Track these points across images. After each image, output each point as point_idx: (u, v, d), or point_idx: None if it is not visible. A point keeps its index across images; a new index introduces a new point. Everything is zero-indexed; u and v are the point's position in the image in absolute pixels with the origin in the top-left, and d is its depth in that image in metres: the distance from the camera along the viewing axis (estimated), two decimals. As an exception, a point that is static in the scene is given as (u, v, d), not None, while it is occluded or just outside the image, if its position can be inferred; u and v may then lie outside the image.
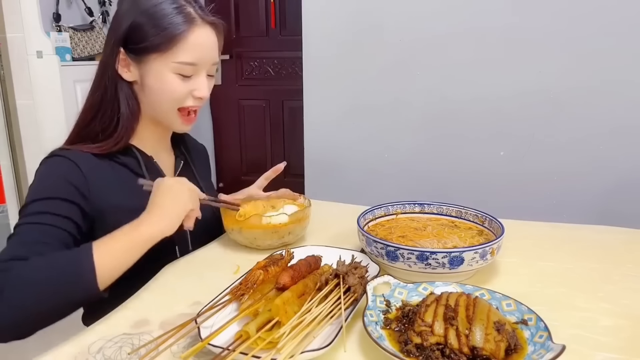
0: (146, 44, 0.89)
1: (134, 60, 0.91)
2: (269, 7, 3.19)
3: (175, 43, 0.88)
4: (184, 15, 0.89)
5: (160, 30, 0.88)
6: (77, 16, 2.73)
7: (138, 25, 0.89)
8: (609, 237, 1.02)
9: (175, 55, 0.89)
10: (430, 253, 0.76)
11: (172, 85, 0.91)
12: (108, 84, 0.93)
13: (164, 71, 0.90)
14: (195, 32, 0.90)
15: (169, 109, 0.94)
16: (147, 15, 0.89)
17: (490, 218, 0.91)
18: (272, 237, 0.96)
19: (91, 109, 0.94)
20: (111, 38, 0.93)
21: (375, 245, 0.81)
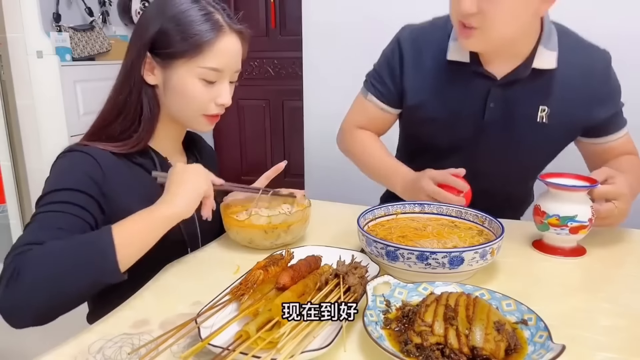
0: (173, 50, 0.90)
1: (159, 65, 0.92)
2: (269, 7, 3.19)
3: (202, 50, 0.90)
4: (212, 23, 0.90)
5: (188, 37, 0.89)
6: (77, 16, 2.73)
7: (165, 31, 0.90)
8: (609, 237, 1.02)
9: (202, 61, 0.90)
10: (430, 253, 0.76)
11: (195, 90, 0.92)
12: (132, 87, 0.94)
13: (188, 76, 0.91)
14: (222, 40, 0.91)
15: (193, 114, 0.96)
16: (175, 21, 0.90)
17: (490, 218, 0.91)
18: (267, 238, 0.96)
19: (113, 110, 0.95)
20: (137, 42, 0.93)
21: (375, 245, 0.81)
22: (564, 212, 0.91)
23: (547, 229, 0.93)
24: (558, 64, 1.04)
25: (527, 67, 1.05)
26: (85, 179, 0.86)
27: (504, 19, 0.94)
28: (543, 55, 1.04)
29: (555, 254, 0.94)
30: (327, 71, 2.13)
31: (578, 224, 0.91)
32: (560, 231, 0.92)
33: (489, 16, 0.93)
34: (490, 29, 0.95)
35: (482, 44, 1.00)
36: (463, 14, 0.94)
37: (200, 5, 0.92)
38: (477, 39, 0.97)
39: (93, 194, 0.86)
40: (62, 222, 0.79)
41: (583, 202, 0.92)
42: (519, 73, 1.06)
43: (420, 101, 1.15)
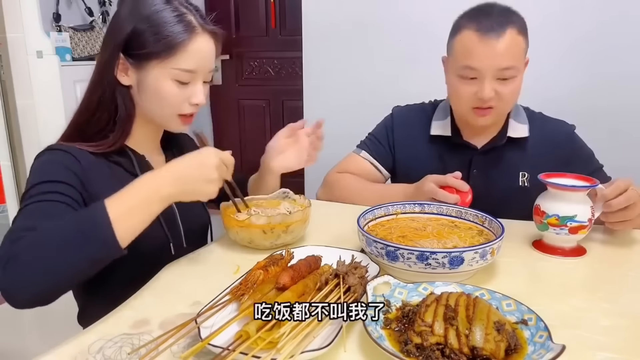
0: (146, 51, 0.90)
1: (132, 66, 0.92)
2: (269, 7, 3.19)
3: (175, 51, 0.90)
4: (185, 24, 0.91)
5: (161, 38, 0.89)
6: (77, 16, 2.73)
7: (139, 32, 0.90)
8: (609, 237, 1.02)
9: (175, 62, 0.90)
10: (430, 253, 0.76)
11: (169, 91, 0.92)
12: (106, 87, 0.94)
13: (162, 77, 0.91)
14: (195, 41, 0.91)
15: (168, 114, 0.96)
16: (148, 22, 0.90)
17: (490, 218, 0.91)
18: (267, 238, 0.96)
19: (87, 111, 0.95)
20: (110, 42, 0.93)
21: (375, 245, 0.81)
22: (564, 212, 0.91)
23: (547, 229, 0.93)
24: (529, 134, 1.22)
25: (502, 136, 1.23)
26: (67, 172, 0.86)
27: (512, 97, 1.14)
28: (515, 127, 1.23)
29: (555, 254, 0.94)
30: (327, 71, 2.13)
31: (577, 224, 0.91)
32: (559, 231, 0.92)
33: (503, 96, 1.11)
34: (503, 106, 1.15)
35: (494, 118, 1.17)
36: (485, 99, 1.11)
37: (173, 6, 0.92)
38: (491, 116, 1.15)
39: (75, 186, 0.86)
40: (52, 210, 0.79)
41: (583, 202, 0.92)
42: (497, 142, 1.23)
43: (410, 167, 1.28)
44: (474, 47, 1.09)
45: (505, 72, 1.09)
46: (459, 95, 1.16)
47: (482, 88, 1.10)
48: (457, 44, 1.14)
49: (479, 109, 1.14)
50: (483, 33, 1.08)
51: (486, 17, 1.10)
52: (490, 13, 1.10)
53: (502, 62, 1.08)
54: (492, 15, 1.10)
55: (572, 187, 0.91)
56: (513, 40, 1.08)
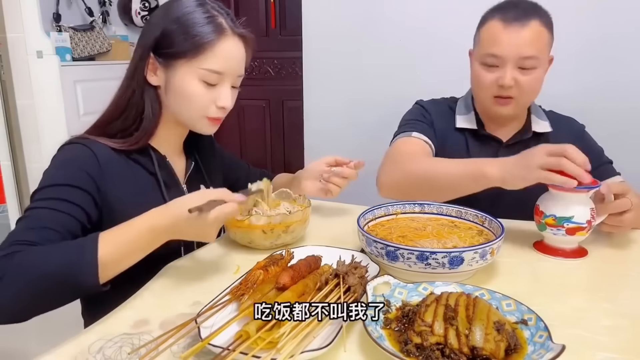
0: (175, 50, 0.91)
1: (161, 65, 0.93)
2: (269, 7, 3.19)
3: (203, 50, 0.91)
4: (215, 25, 0.92)
5: (189, 37, 0.90)
6: (77, 16, 2.74)
7: (168, 32, 0.91)
8: (608, 237, 1.02)
9: (202, 62, 0.91)
10: (430, 253, 0.76)
11: (195, 91, 0.93)
12: (135, 87, 0.95)
13: (189, 77, 0.92)
14: (224, 42, 0.92)
15: (194, 115, 0.96)
16: (178, 22, 0.91)
17: (490, 218, 0.91)
18: (267, 238, 0.96)
19: (116, 109, 0.96)
20: (142, 44, 0.95)
21: (375, 245, 0.81)
22: (561, 212, 0.91)
23: (545, 229, 0.93)
24: (552, 130, 1.25)
25: (527, 131, 1.25)
26: (82, 174, 0.87)
27: (532, 88, 1.16)
28: (537, 122, 1.26)
29: (555, 255, 0.94)
30: (327, 71, 2.13)
31: (575, 225, 0.90)
32: (556, 231, 0.92)
33: (522, 86, 1.14)
34: (524, 97, 1.17)
35: (514, 109, 1.19)
36: (505, 87, 1.13)
37: (205, 8, 0.93)
38: (512, 106, 1.17)
39: (88, 189, 0.86)
40: (53, 221, 0.79)
41: (582, 203, 0.91)
42: (522, 135, 1.25)
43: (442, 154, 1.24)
44: (499, 34, 1.13)
45: (526, 61, 1.12)
46: (481, 83, 1.19)
47: (503, 75, 1.13)
48: (483, 34, 1.18)
49: (499, 98, 1.17)
50: (508, 22, 1.12)
51: (513, 7, 1.14)
52: (517, 5, 1.15)
53: (524, 50, 1.11)
54: (518, 7, 1.14)
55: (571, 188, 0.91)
56: (537, 31, 1.11)
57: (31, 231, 0.77)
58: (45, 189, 0.84)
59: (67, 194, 0.83)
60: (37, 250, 0.74)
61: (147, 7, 3.04)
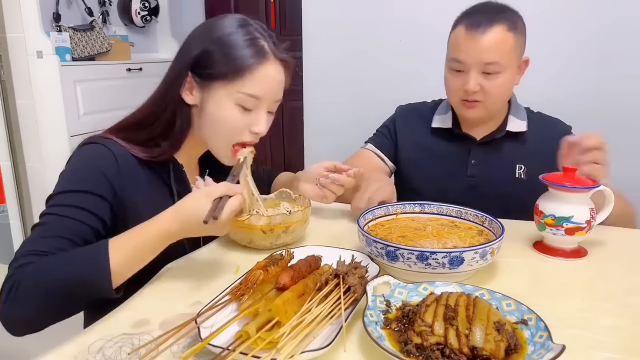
0: (214, 71, 0.89)
1: (198, 85, 0.92)
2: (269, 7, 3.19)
3: (243, 74, 0.89)
4: (257, 48, 0.90)
5: (229, 60, 0.89)
6: (77, 16, 2.74)
7: (208, 52, 0.89)
8: (609, 237, 1.02)
9: (241, 86, 0.89)
10: (430, 253, 0.76)
11: (231, 115, 0.91)
12: (168, 104, 0.93)
13: (226, 100, 0.90)
14: (265, 67, 0.90)
15: (224, 141, 0.94)
16: (219, 43, 0.89)
17: (490, 218, 0.91)
18: (267, 239, 0.96)
19: (144, 120, 0.94)
20: (179, 60, 0.93)
21: (375, 245, 0.81)
22: (560, 212, 0.91)
23: (544, 229, 0.93)
24: (528, 130, 1.26)
25: (501, 130, 1.27)
26: (99, 178, 0.86)
27: (498, 92, 1.18)
28: (514, 122, 1.27)
29: (556, 255, 0.94)
30: (327, 71, 2.12)
31: (574, 225, 0.90)
32: (555, 231, 0.92)
33: (488, 91, 1.16)
34: (490, 101, 1.18)
35: (482, 113, 1.21)
36: (469, 92, 1.16)
37: (247, 30, 0.91)
38: (479, 109, 1.20)
39: (105, 195, 0.86)
40: (67, 230, 0.80)
41: (581, 203, 0.91)
42: (495, 134, 1.27)
43: (412, 157, 1.34)
44: (461, 41, 1.15)
45: (489, 66, 1.13)
46: (450, 87, 1.23)
47: (467, 80, 1.16)
48: (451, 39, 1.20)
49: (466, 102, 1.19)
50: (470, 28, 1.14)
51: (477, 13, 1.16)
52: (483, 10, 1.16)
53: (486, 56, 1.13)
54: (483, 12, 1.15)
55: (570, 188, 0.91)
56: (500, 36, 1.12)
57: (45, 240, 0.78)
58: (62, 195, 0.84)
59: (83, 201, 0.83)
60: (50, 261, 0.74)
61: (147, 7, 3.04)
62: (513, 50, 1.15)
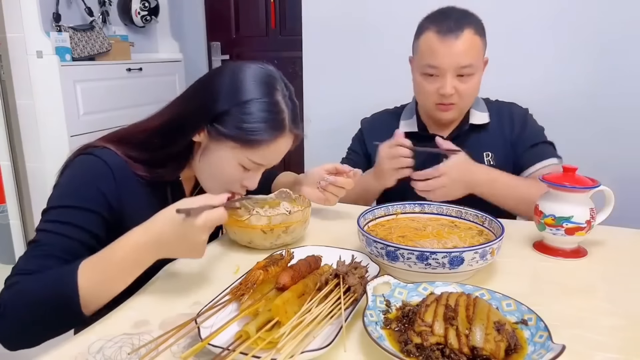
0: (228, 132, 0.88)
1: (208, 132, 0.90)
2: (269, 7, 3.19)
3: (257, 146, 0.89)
4: (276, 123, 0.89)
5: (247, 130, 0.87)
6: (77, 16, 2.73)
7: (229, 113, 0.88)
8: (609, 237, 1.02)
9: (250, 154, 0.90)
10: (430, 253, 0.76)
11: (231, 172, 0.92)
12: (178, 142, 0.91)
13: (230, 159, 0.91)
14: (278, 141, 0.91)
15: (215, 186, 0.95)
16: (243, 108, 0.88)
17: (490, 218, 0.92)
18: (267, 239, 0.96)
19: (149, 145, 0.92)
20: (199, 108, 0.91)
21: (375, 245, 0.81)
22: (560, 212, 0.91)
23: (544, 229, 0.93)
24: (490, 120, 1.33)
25: (465, 123, 1.33)
26: (95, 193, 0.86)
27: (471, 93, 1.25)
28: (476, 115, 1.33)
29: (555, 256, 0.94)
30: (327, 71, 2.12)
31: (574, 225, 0.90)
32: (555, 231, 0.92)
33: (462, 92, 1.22)
34: (464, 102, 1.26)
35: (456, 114, 1.28)
36: (446, 95, 1.20)
37: (273, 99, 0.89)
38: (453, 111, 1.26)
39: (100, 210, 0.85)
40: (59, 248, 0.80)
41: (581, 203, 0.91)
42: (461, 128, 1.33)
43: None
44: (436, 47, 1.19)
45: (464, 69, 1.19)
46: (424, 92, 1.26)
47: (443, 85, 1.20)
48: (421, 45, 1.23)
49: (442, 105, 1.24)
50: (443, 34, 1.18)
51: (445, 19, 1.19)
52: (449, 16, 1.20)
53: (461, 60, 1.18)
54: (450, 17, 1.19)
55: (569, 188, 0.91)
56: (470, 40, 1.18)
57: (34, 260, 0.78)
58: (56, 210, 0.83)
59: (76, 217, 0.83)
60: (30, 281, 0.75)
61: (147, 7, 3.04)
62: (481, 51, 1.22)
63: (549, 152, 1.29)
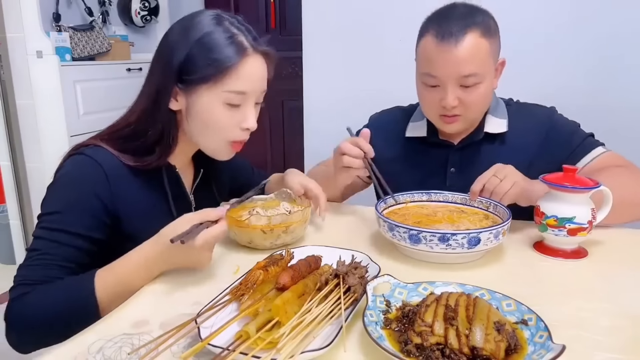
0: (198, 75, 0.88)
1: (182, 90, 0.91)
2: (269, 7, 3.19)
3: (226, 74, 0.88)
4: (237, 45, 0.89)
5: (212, 62, 0.88)
6: (77, 16, 2.74)
7: (191, 57, 0.88)
8: (609, 237, 1.02)
9: (226, 85, 0.89)
10: (451, 234, 0.83)
11: (220, 115, 0.91)
12: (158, 117, 0.92)
13: (213, 102, 0.90)
14: (247, 63, 0.90)
15: (217, 141, 0.95)
16: (199, 45, 0.88)
17: (495, 203, 0.98)
18: (267, 239, 0.95)
19: (135, 134, 0.93)
20: (162, 68, 0.91)
21: (398, 229, 0.87)
22: (562, 213, 0.91)
23: (546, 230, 0.93)
24: (508, 128, 1.18)
25: (479, 132, 1.19)
26: (89, 196, 0.86)
27: (479, 103, 1.10)
28: (493, 122, 1.18)
29: (556, 256, 0.94)
30: (327, 71, 2.13)
31: (576, 225, 0.90)
32: (558, 232, 0.92)
33: (467, 104, 1.08)
34: (471, 113, 1.11)
35: (463, 125, 1.14)
36: (448, 108, 1.07)
37: (224, 27, 0.90)
38: (459, 123, 1.12)
39: (96, 213, 0.87)
40: (59, 256, 0.82)
41: (582, 203, 0.91)
42: (473, 137, 1.19)
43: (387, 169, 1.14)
44: (433, 54, 1.05)
45: (467, 79, 1.04)
46: (425, 103, 1.14)
47: (444, 96, 1.06)
48: (420, 50, 1.11)
49: (445, 117, 1.11)
50: (442, 38, 1.03)
51: (446, 20, 1.04)
52: (451, 16, 1.05)
53: (463, 69, 1.03)
54: (451, 18, 1.04)
55: (571, 189, 0.91)
56: (474, 44, 1.02)
57: (36, 269, 0.81)
58: (52, 216, 0.84)
59: (74, 223, 0.84)
60: (41, 293, 0.78)
61: (146, 7, 3.04)
62: (489, 56, 1.06)
63: (589, 145, 1.14)
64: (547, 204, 0.93)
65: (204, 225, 0.79)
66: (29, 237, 2.68)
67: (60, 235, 0.83)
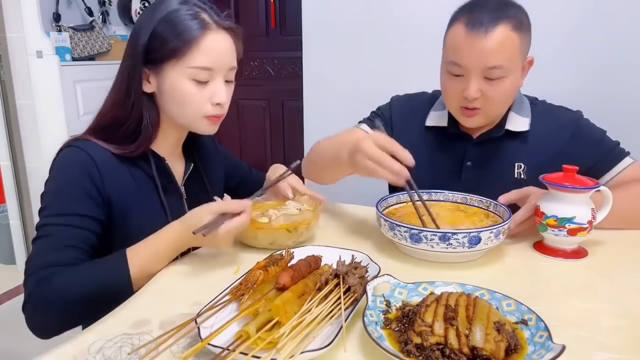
0: (163, 52, 0.90)
1: (151, 71, 0.93)
2: (269, 7, 3.19)
3: (189, 48, 0.90)
4: (199, 21, 0.91)
5: (175, 37, 0.90)
6: (77, 16, 2.74)
7: (155, 35, 0.91)
8: (609, 237, 1.02)
9: (190, 60, 0.90)
10: (452, 234, 0.83)
11: (188, 91, 0.92)
12: (134, 102, 0.94)
13: (179, 78, 0.91)
14: (209, 37, 0.91)
15: (192, 116, 0.95)
16: (163, 22, 0.90)
17: (495, 203, 0.98)
18: (290, 237, 0.96)
19: (116, 122, 0.95)
20: (131, 52, 0.93)
21: (399, 229, 0.87)
22: (562, 213, 0.91)
23: (546, 230, 0.93)
24: (530, 127, 1.15)
25: (500, 128, 1.16)
26: (85, 179, 0.88)
27: (501, 99, 1.08)
28: (515, 120, 1.16)
29: (556, 256, 0.94)
30: (327, 71, 2.13)
31: (576, 225, 0.90)
32: (558, 232, 0.92)
33: (490, 98, 1.06)
34: (491, 108, 1.09)
35: (483, 120, 1.12)
36: (469, 99, 1.05)
37: (188, 5, 0.92)
38: (479, 117, 1.10)
39: (93, 194, 0.89)
40: (72, 238, 0.84)
41: (582, 203, 0.91)
42: (493, 133, 1.17)
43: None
44: (461, 42, 1.03)
45: (492, 71, 1.02)
46: (447, 92, 1.12)
47: (467, 87, 1.04)
48: (448, 38, 1.08)
49: (466, 109, 1.09)
50: (471, 28, 1.01)
51: (479, 9, 1.02)
52: (484, 6, 1.02)
53: (489, 60, 1.01)
54: (484, 8, 1.02)
55: (571, 189, 0.91)
56: (504, 37, 1.00)
57: (56, 252, 0.82)
58: (54, 204, 0.86)
59: (77, 205, 0.86)
60: (73, 273, 0.80)
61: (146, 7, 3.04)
62: (518, 52, 1.03)
63: (616, 156, 1.12)
64: (547, 204, 0.93)
65: (227, 216, 0.85)
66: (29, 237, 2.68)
67: (67, 219, 0.85)
